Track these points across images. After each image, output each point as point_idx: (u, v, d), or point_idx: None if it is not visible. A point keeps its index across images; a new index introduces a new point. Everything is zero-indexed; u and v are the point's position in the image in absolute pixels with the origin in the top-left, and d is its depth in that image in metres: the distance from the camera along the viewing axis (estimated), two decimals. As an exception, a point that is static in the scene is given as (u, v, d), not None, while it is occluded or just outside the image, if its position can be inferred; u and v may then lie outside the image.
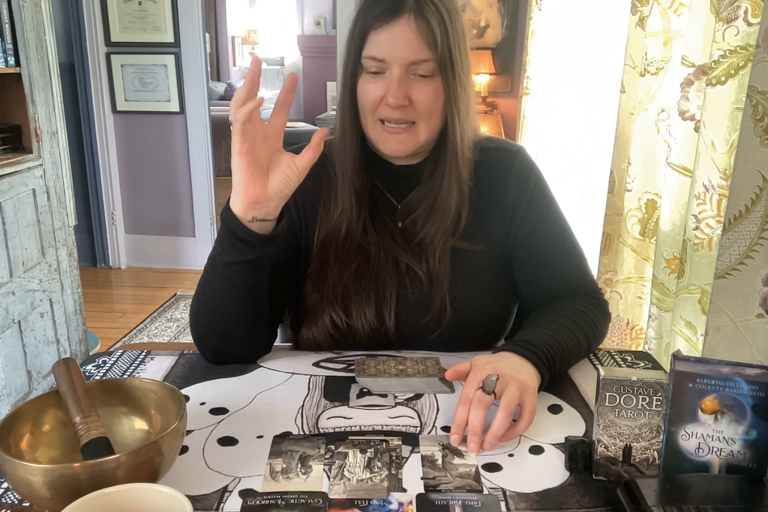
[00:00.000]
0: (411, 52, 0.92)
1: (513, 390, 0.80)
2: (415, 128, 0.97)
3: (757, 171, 1.11)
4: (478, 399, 0.79)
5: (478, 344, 1.06)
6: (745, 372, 0.67)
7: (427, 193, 1.03)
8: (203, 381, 0.95)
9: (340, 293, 1.02)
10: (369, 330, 1.02)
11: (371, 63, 0.94)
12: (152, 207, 3.84)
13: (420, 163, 1.05)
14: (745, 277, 1.15)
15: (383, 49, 0.93)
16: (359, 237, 1.02)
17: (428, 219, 1.02)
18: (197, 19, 3.53)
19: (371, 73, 0.95)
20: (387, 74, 0.94)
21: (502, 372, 0.82)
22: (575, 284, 1.08)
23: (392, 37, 0.92)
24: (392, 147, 0.98)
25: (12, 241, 1.98)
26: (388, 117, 0.96)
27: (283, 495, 0.69)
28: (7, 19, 2.00)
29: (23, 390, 2.09)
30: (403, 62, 0.93)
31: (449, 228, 1.02)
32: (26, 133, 2.14)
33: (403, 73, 0.93)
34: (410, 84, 0.94)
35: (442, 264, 1.02)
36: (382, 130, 0.97)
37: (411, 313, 1.03)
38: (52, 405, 0.73)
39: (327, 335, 1.03)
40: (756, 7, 1.17)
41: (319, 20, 8.24)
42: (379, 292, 1.02)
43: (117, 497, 0.58)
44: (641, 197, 1.63)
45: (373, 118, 0.97)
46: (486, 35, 4.02)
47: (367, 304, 1.02)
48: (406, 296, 1.03)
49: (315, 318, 1.04)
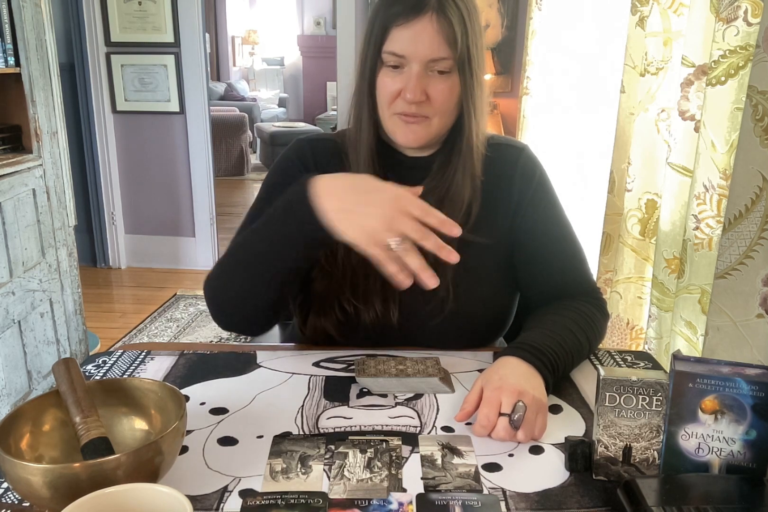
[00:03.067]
0: (432, 50, 0.94)
1: (531, 414, 0.80)
2: (429, 121, 0.99)
3: (757, 171, 1.11)
4: (504, 428, 0.79)
5: (477, 338, 1.07)
6: (745, 372, 0.67)
7: (437, 184, 1.04)
8: (203, 381, 0.95)
9: (349, 279, 1.03)
10: (374, 317, 1.03)
11: (391, 58, 0.96)
12: (152, 207, 3.84)
13: (431, 155, 1.07)
14: (745, 277, 1.15)
15: (404, 46, 0.95)
16: None
17: (439, 210, 1.03)
18: (197, 19, 3.53)
19: (390, 66, 0.97)
20: (406, 69, 0.96)
21: (517, 390, 0.82)
22: (574, 281, 1.08)
23: (414, 35, 0.94)
24: (407, 136, 1.00)
25: (12, 241, 1.98)
26: (404, 111, 0.98)
27: (283, 495, 0.69)
28: (7, 19, 2.00)
29: (23, 390, 2.09)
30: (423, 59, 0.95)
31: (458, 220, 1.02)
32: (26, 133, 2.14)
33: (421, 70, 0.95)
34: (428, 80, 0.96)
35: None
36: (399, 121, 0.99)
37: (415, 300, 1.04)
38: (52, 405, 0.73)
39: (335, 321, 1.04)
40: (756, 7, 1.17)
41: (319, 20, 8.24)
42: (384, 280, 1.03)
43: (117, 497, 0.58)
44: (641, 197, 1.63)
45: (390, 111, 0.99)
46: (486, 35, 4.01)
47: (374, 291, 1.03)
48: (412, 287, 1.04)
49: (324, 305, 1.04)
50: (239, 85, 8.38)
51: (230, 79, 8.64)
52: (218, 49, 8.48)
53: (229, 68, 8.80)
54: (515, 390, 0.81)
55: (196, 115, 3.66)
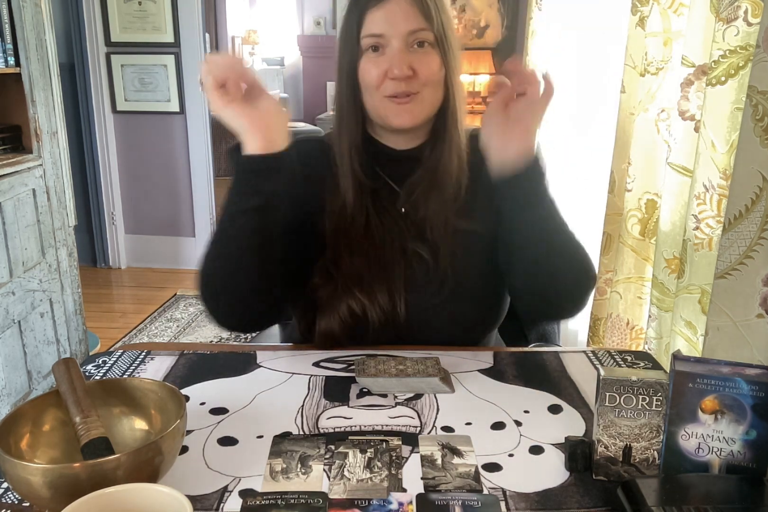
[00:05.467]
0: (409, 22, 0.96)
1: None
2: (420, 96, 0.99)
3: (757, 171, 1.11)
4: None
5: (475, 326, 1.08)
6: (745, 372, 0.68)
7: (426, 171, 1.05)
8: (203, 381, 0.95)
9: (355, 281, 1.03)
10: (382, 314, 1.03)
11: (370, 40, 0.97)
12: (152, 207, 3.84)
13: (420, 146, 1.07)
14: (745, 277, 1.15)
15: (381, 25, 0.96)
16: (363, 224, 1.03)
17: (429, 195, 1.04)
18: (197, 19, 3.53)
19: (371, 51, 0.98)
20: (387, 50, 0.97)
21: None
22: None
23: (388, 12, 0.96)
24: (402, 118, 1.00)
25: (12, 241, 1.98)
26: (394, 91, 0.98)
27: (283, 495, 0.69)
28: (7, 19, 2.00)
29: (23, 390, 2.09)
30: (402, 34, 0.96)
31: (449, 203, 1.04)
32: (26, 133, 2.14)
33: (403, 45, 0.96)
34: (411, 56, 0.97)
35: (443, 241, 1.04)
36: (391, 104, 0.99)
37: (419, 292, 1.04)
38: (52, 405, 0.73)
39: (344, 324, 1.04)
40: (756, 7, 1.17)
41: (319, 20, 8.24)
42: (389, 277, 1.03)
43: (117, 497, 0.58)
44: (641, 197, 1.63)
45: (379, 95, 0.99)
46: (486, 35, 4.01)
47: (379, 289, 1.03)
48: (414, 279, 1.05)
49: (331, 308, 1.04)
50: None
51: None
52: (218, 49, 8.48)
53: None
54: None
55: (196, 115, 3.66)
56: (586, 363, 1.02)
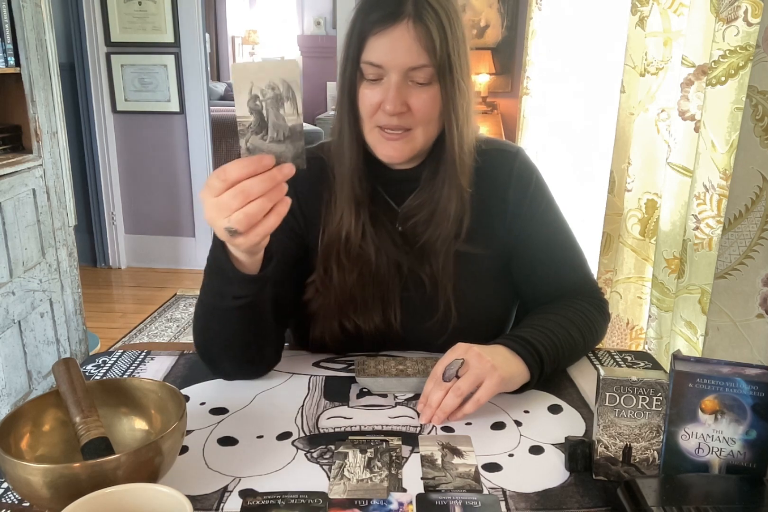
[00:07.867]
0: (409, 58, 0.91)
1: (471, 375, 0.83)
2: (411, 134, 0.96)
3: (757, 171, 1.11)
4: (437, 382, 0.84)
5: (476, 342, 1.06)
6: (745, 372, 0.67)
7: (426, 198, 1.01)
8: (203, 381, 0.95)
9: (348, 298, 1.01)
10: (377, 334, 1.02)
11: (369, 69, 0.93)
12: (152, 207, 3.84)
13: (417, 166, 1.04)
14: (745, 277, 1.15)
15: (381, 55, 0.91)
16: (359, 240, 1.01)
17: (429, 224, 1.01)
18: (197, 19, 3.53)
19: (369, 80, 0.94)
20: (385, 81, 0.93)
21: (480, 356, 0.85)
22: (575, 284, 1.08)
23: (391, 43, 0.91)
24: (388, 153, 0.97)
25: (12, 241, 1.98)
26: (386, 124, 0.94)
27: (283, 495, 0.69)
28: (7, 19, 2.00)
29: (23, 390, 2.09)
30: (402, 68, 0.91)
31: (451, 233, 1.01)
32: (26, 133, 2.14)
33: (401, 80, 0.92)
34: (408, 90, 0.93)
35: (445, 269, 1.01)
36: (380, 136, 0.96)
37: (416, 317, 1.03)
38: (52, 405, 0.73)
39: (336, 339, 1.03)
40: (756, 7, 1.17)
41: (319, 20, 8.24)
42: (383, 296, 1.02)
43: (117, 497, 0.58)
44: (641, 197, 1.63)
45: (371, 124, 0.96)
46: (486, 35, 4.02)
47: (374, 308, 1.02)
48: (411, 299, 1.03)
49: (323, 322, 1.03)
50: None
51: (230, 79, 8.65)
52: (218, 49, 8.48)
53: (229, 68, 8.80)
54: (477, 356, 0.85)
55: (196, 115, 3.66)
56: (586, 363, 1.02)
